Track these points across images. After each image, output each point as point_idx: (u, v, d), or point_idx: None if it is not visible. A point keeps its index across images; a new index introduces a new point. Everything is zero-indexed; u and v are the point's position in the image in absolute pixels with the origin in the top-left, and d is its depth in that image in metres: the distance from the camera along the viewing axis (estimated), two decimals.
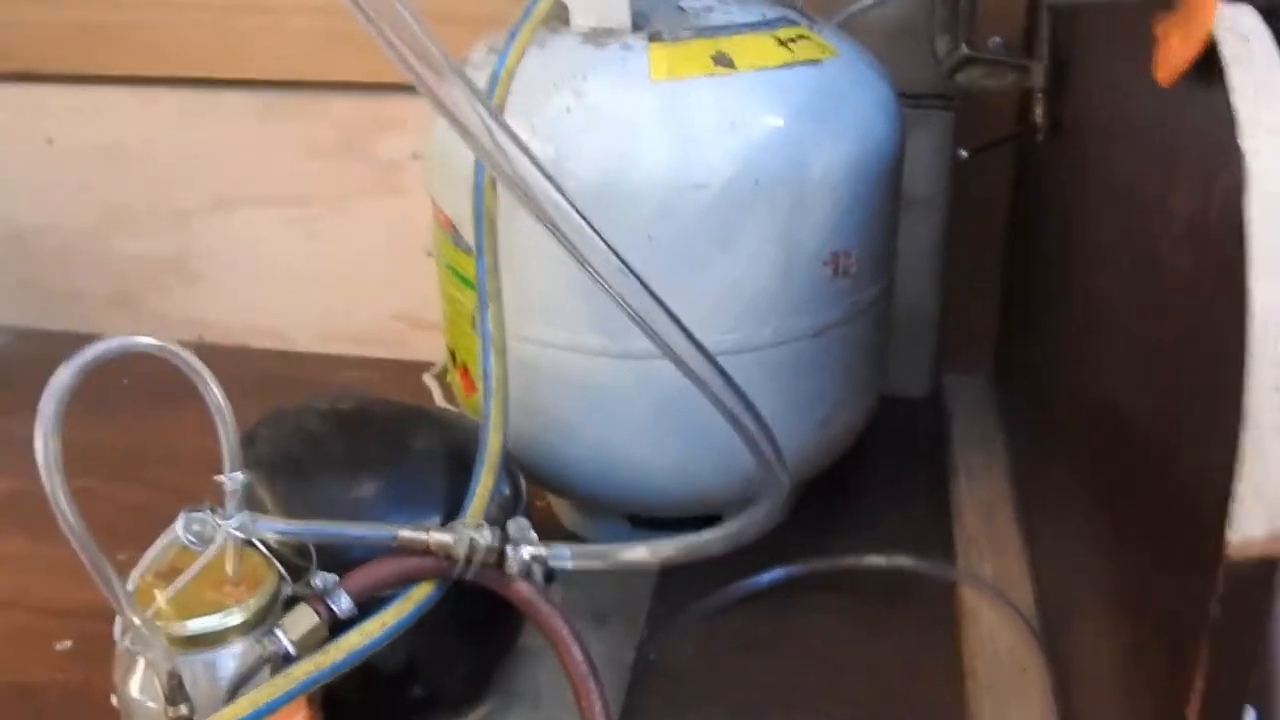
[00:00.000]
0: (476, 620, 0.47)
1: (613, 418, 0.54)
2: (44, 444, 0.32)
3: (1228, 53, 0.27)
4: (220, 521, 0.37)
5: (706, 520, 0.60)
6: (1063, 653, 0.48)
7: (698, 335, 0.51)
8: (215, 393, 0.36)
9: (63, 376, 0.33)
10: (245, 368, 0.88)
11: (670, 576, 0.58)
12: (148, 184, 0.87)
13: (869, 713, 0.51)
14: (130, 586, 0.37)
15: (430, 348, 0.85)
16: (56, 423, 0.33)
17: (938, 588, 0.58)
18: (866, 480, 0.68)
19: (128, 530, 0.66)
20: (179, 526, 0.36)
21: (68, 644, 0.56)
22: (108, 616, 0.58)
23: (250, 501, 0.39)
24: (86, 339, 0.96)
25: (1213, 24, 0.27)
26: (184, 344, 0.94)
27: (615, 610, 0.55)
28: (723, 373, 0.38)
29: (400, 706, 0.46)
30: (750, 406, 0.38)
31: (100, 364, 0.34)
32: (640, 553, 0.41)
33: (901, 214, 0.59)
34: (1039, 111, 0.52)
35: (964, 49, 0.52)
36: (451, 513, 0.44)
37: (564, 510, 0.64)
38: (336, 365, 0.86)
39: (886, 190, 0.55)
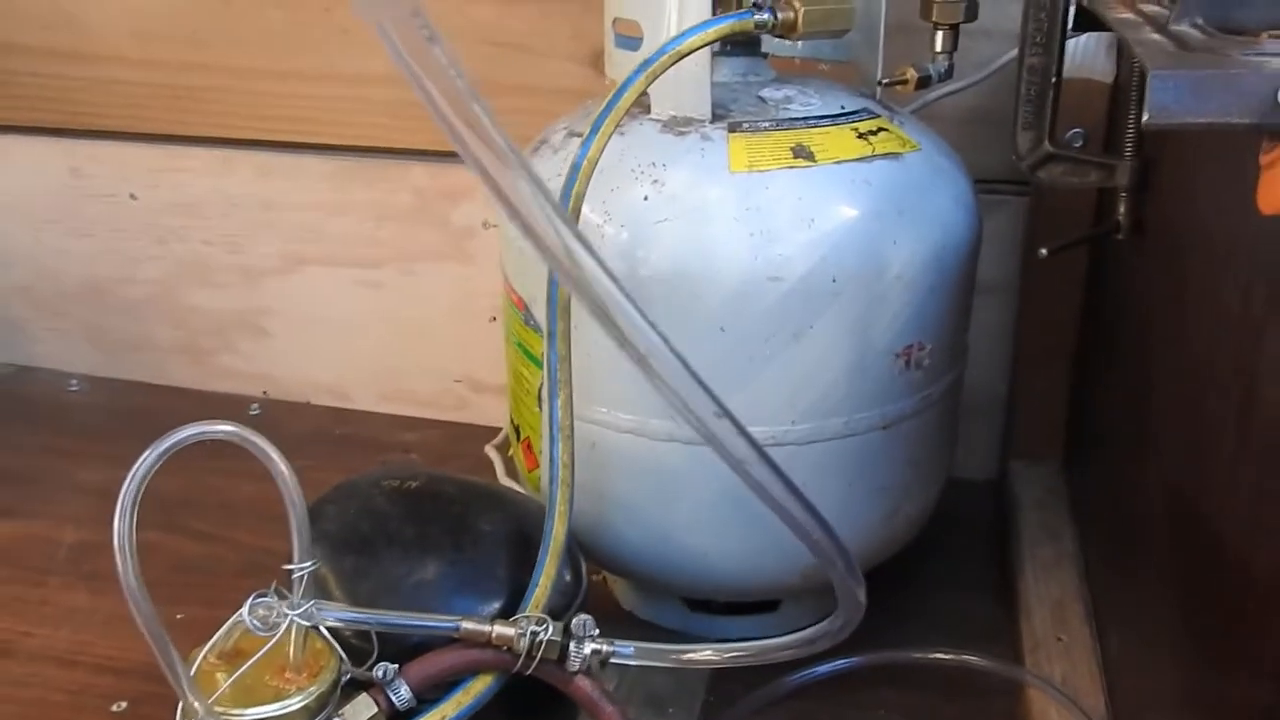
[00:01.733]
0: (530, 714, 0.46)
1: (675, 503, 0.54)
2: (121, 528, 0.32)
3: None
4: (287, 610, 0.37)
5: (764, 605, 0.60)
6: None
7: (768, 426, 0.51)
8: (289, 480, 0.36)
9: (142, 467, 0.33)
10: (307, 424, 0.89)
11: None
12: (222, 241, 0.89)
13: None
14: (193, 669, 0.37)
15: (489, 412, 0.85)
16: (133, 509, 0.33)
17: (1002, 686, 0.57)
18: (930, 568, 0.66)
19: (185, 585, 0.67)
20: (245, 612, 0.36)
21: (123, 705, 0.57)
22: (162, 677, 0.59)
23: (314, 579, 0.39)
24: (156, 389, 0.98)
25: None
26: (249, 399, 0.96)
27: (672, 698, 0.54)
28: (811, 510, 0.37)
29: None
30: (832, 534, 0.37)
31: (178, 450, 0.35)
32: (706, 655, 0.40)
33: (974, 298, 0.58)
34: (1122, 210, 0.51)
35: (1047, 146, 0.51)
36: (514, 598, 0.44)
37: (621, 589, 0.63)
38: (396, 426, 0.87)
39: (962, 283, 0.55)
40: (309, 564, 0.37)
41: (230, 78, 0.83)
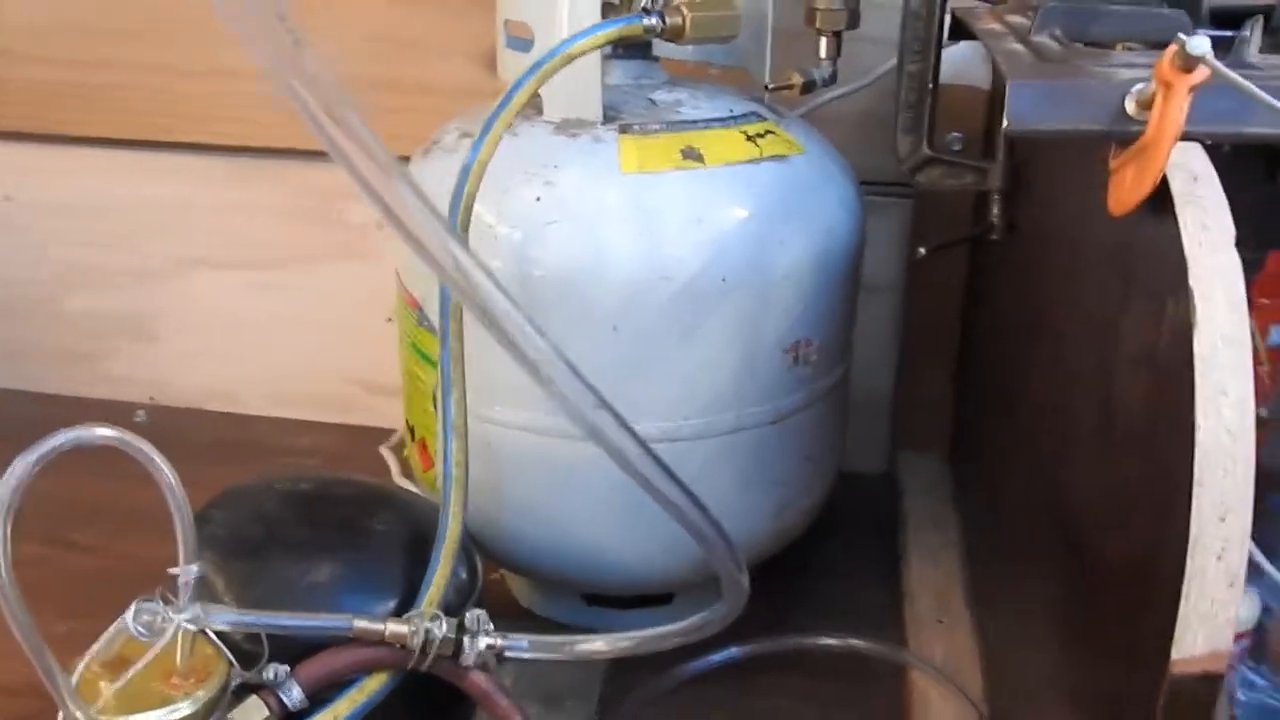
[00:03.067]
0: (426, 710, 0.47)
1: (570, 498, 0.54)
2: None
3: (1178, 191, 0.29)
4: (172, 615, 0.36)
5: (659, 599, 0.61)
6: None
7: (660, 422, 0.52)
8: (173, 484, 0.36)
9: (16, 471, 0.32)
10: (197, 431, 0.87)
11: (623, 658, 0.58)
12: (106, 243, 0.86)
13: None
14: (75, 677, 0.36)
15: (385, 414, 0.85)
16: (7, 519, 0.32)
17: (888, 670, 0.59)
18: (820, 558, 0.68)
19: (72, 599, 0.65)
20: (129, 617, 0.36)
21: None
22: (30, 695, 0.57)
23: (202, 585, 0.39)
24: (35, 397, 0.95)
25: (1166, 165, 0.28)
26: (135, 405, 0.93)
27: (568, 693, 0.55)
28: (693, 499, 0.38)
29: None
30: (715, 522, 0.38)
31: (54, 457, 0.34)
32: (597, 645, 0.41)
33: (860, 297, 0.60)
34: (995, 212, 0.53)
35: (925, 150, 0.53)
36: (408, 597, 0.44)
37: (519, 586, 0.63)
38: (290, 430, 0.86)
39: (847, 281, 0.56)
40: (194, 568, 0.37)
41: (118, 75, 0.80)
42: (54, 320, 0.89)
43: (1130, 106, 0.32)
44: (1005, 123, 0.33)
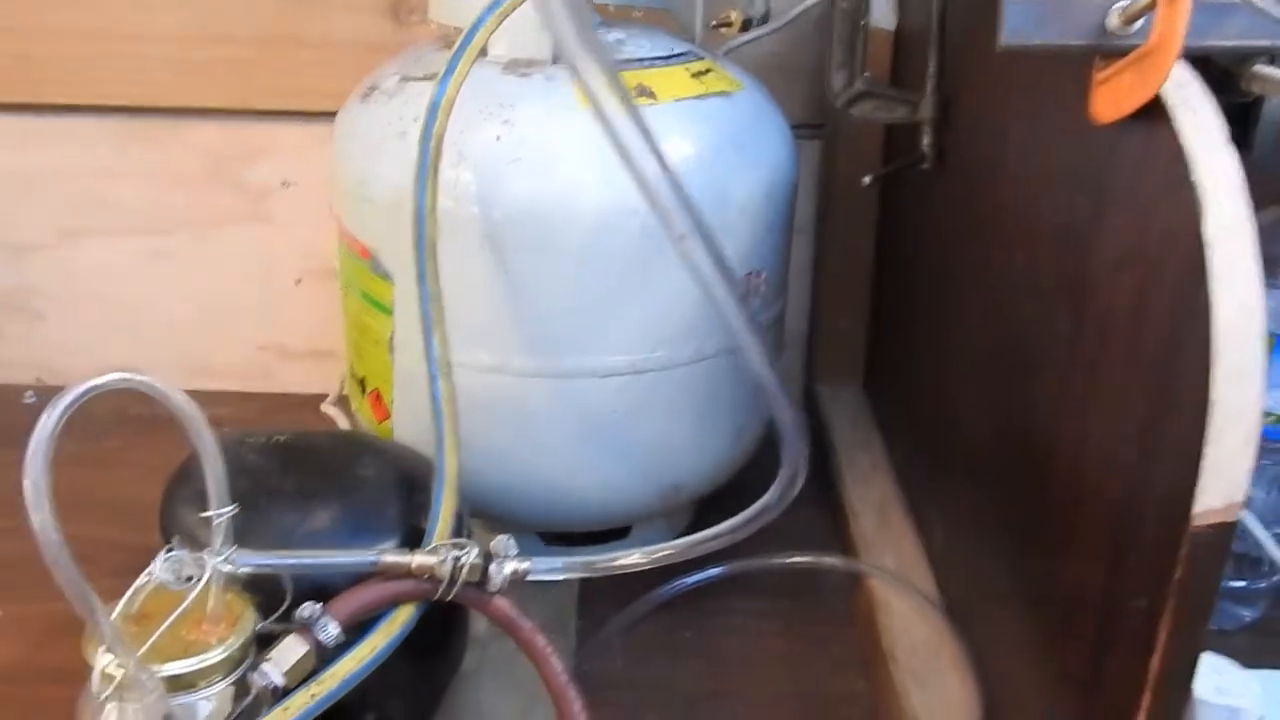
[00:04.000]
0: (426, 646, 0.47)
1: (537, 439, 0.55)
2: (34, 490, 0.30)
3: (1172, 96, 0.32)
4: (207, 559, 0.35)
5: (616, 533, 0.62)
6: (972, 635, 0.52)
7: (627, 355, 0.53)
8: (199, 421, 0.35)
9: (46, 426, 0.31)
10: (98, 408, 0.83)
11: (591, 590, 0.60)
12: None
13: (793, 706, 0.54)
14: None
15: (301, 379, 0.83)
16: (46, 467, 0.31)
17: (840, 585, 0.62)
18: (756, 488, 0.71)
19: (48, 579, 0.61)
20: (159, 567, 0.35)
21: None
22: (14, 677, 0.54)
23: (195, 541, 0.38)
24: None
25: (1172, 67, 0.31)
26: (22, 387, 0.89)
27: (546, 627, 0.56)
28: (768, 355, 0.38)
29: None
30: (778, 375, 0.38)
31: (79, 405, 0.33)
32: (633, 558, 0.42)
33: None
34: (926, 142, 0.56)
35: (859, 84, 0.56)
36: (408, 537, 0.44)
37: (474, 528, 0.64)
38: (204, 402, 0.82)
39: (789, 215, 0.59)
40: (229, 509, 0.36)
41: None
42: None
43: (1114, 21, 0.34)
44: (1002, 37, 0.35)
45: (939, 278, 0.59)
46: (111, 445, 0.74)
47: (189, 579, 0.36)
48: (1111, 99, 0.34)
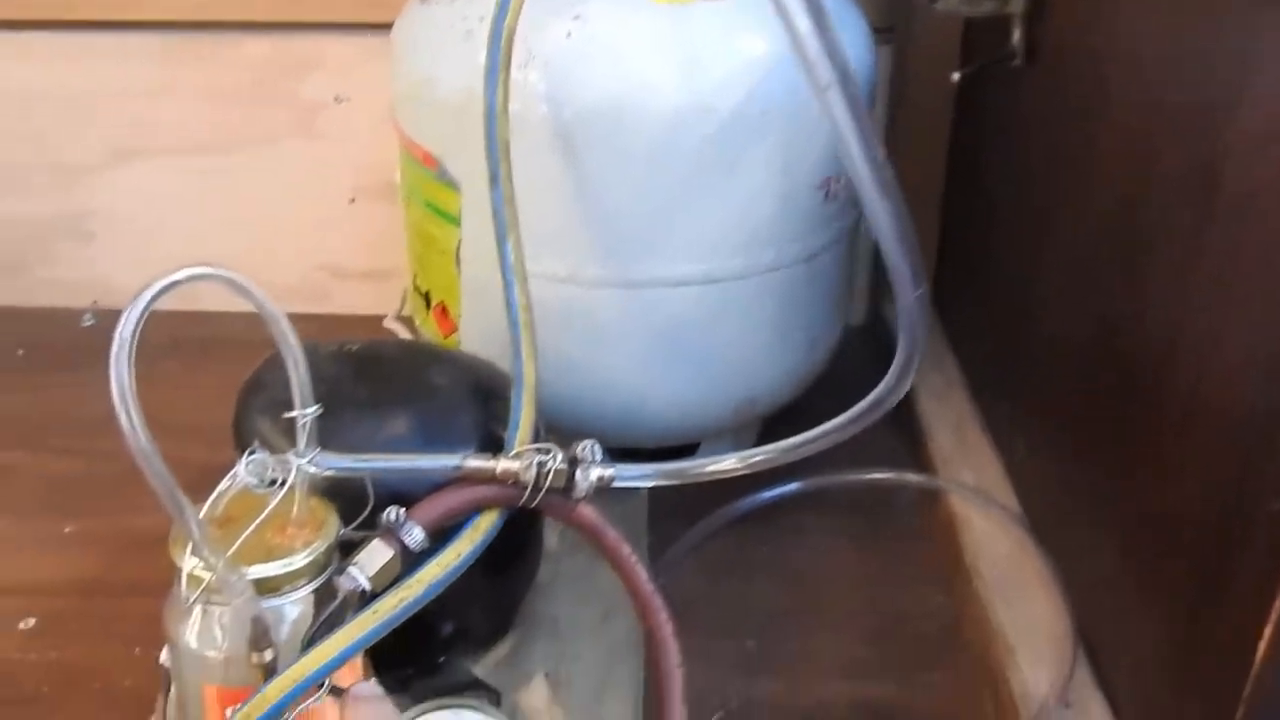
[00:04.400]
0: (502, 558, 0.46)
1: (609, 351, 0.54)
2: (120, 388, 0.29)
3: None
4: (293, 460, 0.34)
5: (682, 451, 0.61)
6: (1060, 552, 0.51)
7: (702, 263, 0.51)
8: (280, 319, 0.34)
9: (130, 317, 0.30)
10: (156, 331, 0.81)
11: (661, 508, 0.58)
12: (26, 139, 0.80)
13: (872, 621, 0.53)
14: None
15: (358, 299, 0.82)
16: (130, 365, 0.30)
17: (914, 503, 0.61)
18: (825, 406, 0.69)
19: (65, 501, 0.61)
20: (243, 469, 0.34)
21: (31, 622, 0.52)
22: (67, 593, 0.54)
23: (270, 450, 0.37)
24: None
25: None
26: (80, 310, 0.88)
27: None
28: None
29: (430, 645, 0.45)
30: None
31: (156, 303, 0.32)
32: (728, 464, 0.40)
33: None
34: (1016, 37, 0.53)
35: None
36: (485, 445, 0.43)
37: None
38: (258, 323, 0.82)
39: (868, 114, 0.56)
40: (313, 409, 0.35)
41: None
42: None
43: None
44: None
45: (1027, 178, 0.56)
46: (169, 368, 0.73)
47: (273, 482, 0.35)
48: None
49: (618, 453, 0.59)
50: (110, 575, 0.56)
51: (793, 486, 0.56)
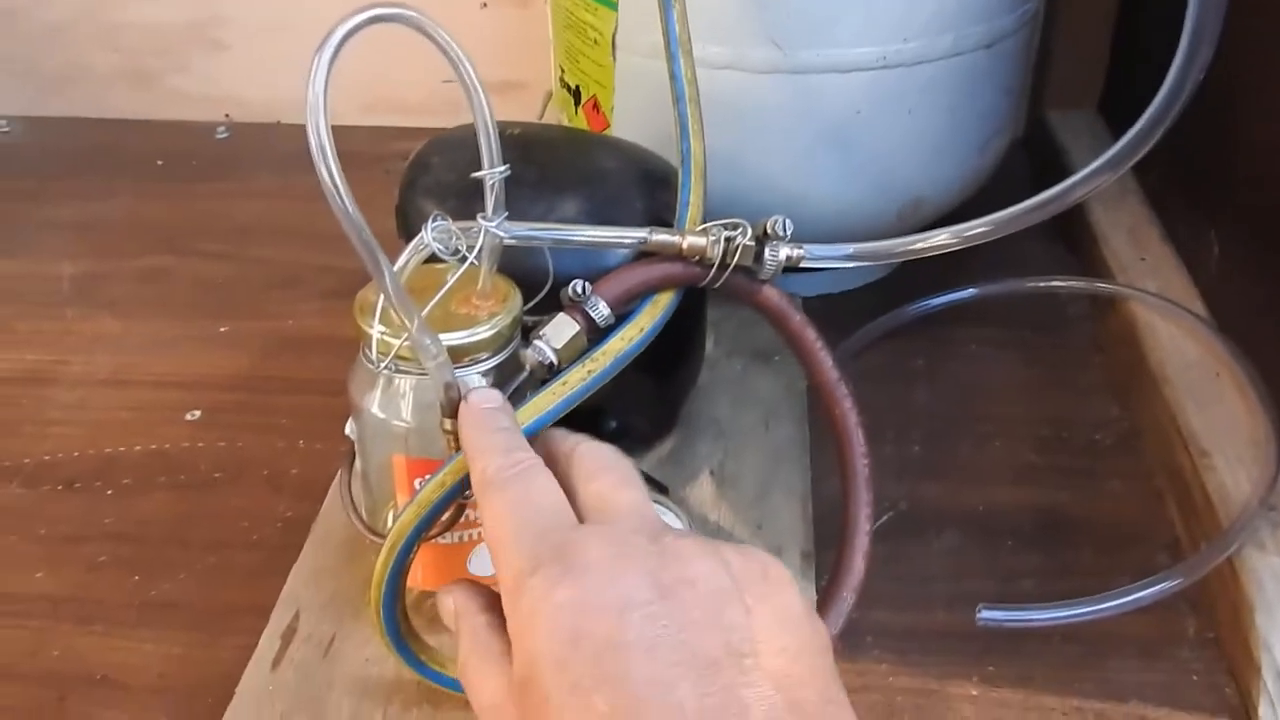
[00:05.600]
0: (665, 357, 0.45)
1: (770, 143, 0.51)
2: (318, 138, 0.28)
3: None
4: (482, 222, 0.33)
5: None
6: (1259, 357, 0.47)
7: (880, 46, 0.48)
8: (468, 68, 0.32)
9: (321, 62, 0.29)
10: (285, 146, 0.82)
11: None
12: None
13: (1042, 429, 0.51)
14: (375, 313, 0.34)
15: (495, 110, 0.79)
16: (326, 115, 0.29)
17: (1083, 314, 0.58)
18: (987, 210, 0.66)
19: (217, 302, 0.62)
20: (428, 234, 0.33)
21: (197, 414, 0.53)
22: (228, 388, 0.55)
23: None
24: (100, 124, 0.90)
25: None
26: (212, 124, 0.88)
27: (777, 348, 0.53)
28: None
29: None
30: None
31: (352, 37, 0.30)
32: (940, 238, 0.38)
33: None
34: None
35: None
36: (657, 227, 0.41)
37: None
38: (388, 137, 0.80)
39: None
40: (502, 169, 0.33)
41: None
42: (106, 36, 0.82)
43: None
44: None
45: None
46: (311, 181, 0.73)
47: (455, 252, 0.33)
48: None
49: None
50: (267, 372, 0.56)
51: (967, 292, 0.53)
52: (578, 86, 0.56)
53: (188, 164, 0.78)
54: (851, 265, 0.38)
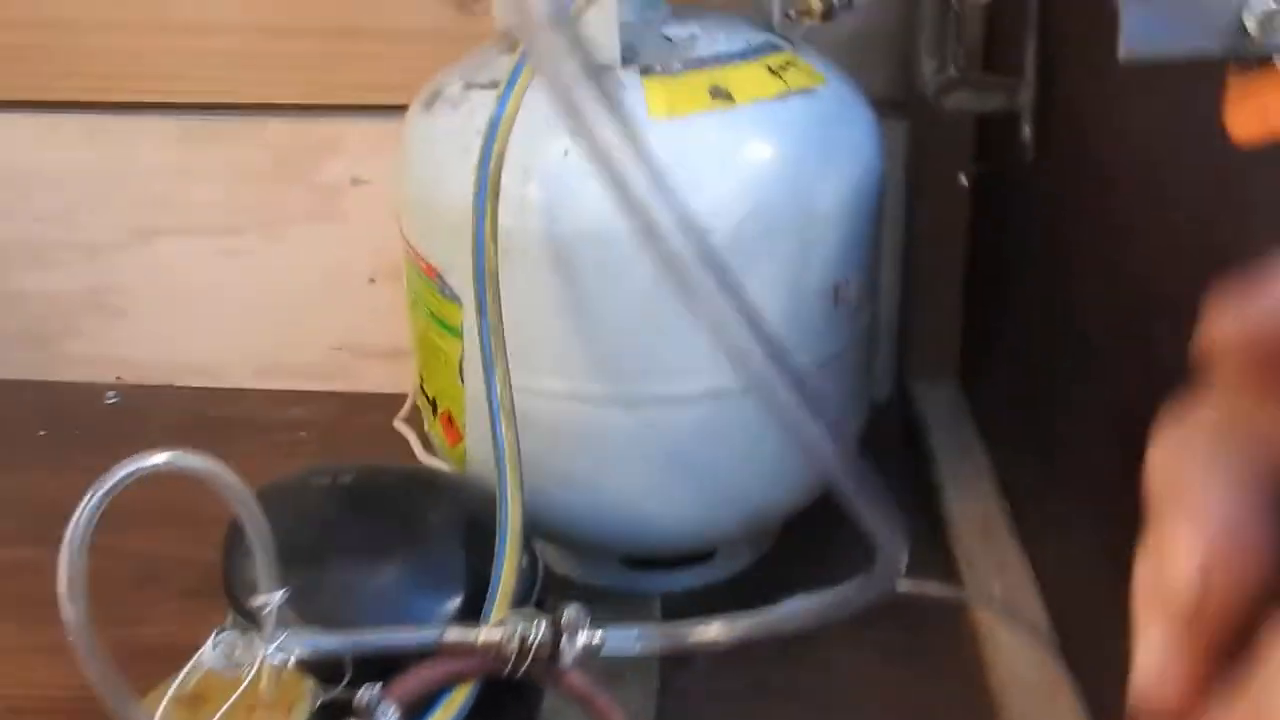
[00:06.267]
0: (498, 702, 0.45)
1: (614, 468, 0.52)
2: (69, 581, 0.28)
3: None
4: (260, 643, 0.33)
5: (700, 556, 0.59)
6: (1091, 674, 0.48)
7: (705, 382, 0.50)
8: (250, 505, 0.33)
9: (87, 507, 0.30)
10: (175, 408, 0.82)
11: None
12: (50, 217, 0.81)
13: None
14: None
15: (377, 379, 0.81)
16: (83, 555, 0.29)
17: (947, 610, 0.58)
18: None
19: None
20: (210, 651, 0.33)
21: None
22: (71, 705, 0.54)
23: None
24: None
25: None
26: (103, 386, 0.88)
27: (629, 664, 0.53)
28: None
29: None
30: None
31: (120, 489, 0.31)
32: (713, 631, 0.39)
33: None
34: (1025, 132, 0.51)
35: (952, 71, 0.51)
36: (475, 589, 0.42)
37: (554, 555, 0.61)
38: (278, 402, 0.81)
39: (877, 214, 0.54)
40: (280, 593, 0.34)
41: (46, 34, 0.74)
42: (5, 301, 0.84)
43: (1251, 25, 0.29)
44: (1123, 48, 0.30)
45: (1048, 273, 0.54)
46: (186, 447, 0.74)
47: (240, 666, 0.34)
48: (1258, 117, 0.29)
49: (628, 561, 0.59)
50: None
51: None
52: (434, 398, 0.57)
53: (68, 435, 0.78)
54: (637, 652, 0.39)
